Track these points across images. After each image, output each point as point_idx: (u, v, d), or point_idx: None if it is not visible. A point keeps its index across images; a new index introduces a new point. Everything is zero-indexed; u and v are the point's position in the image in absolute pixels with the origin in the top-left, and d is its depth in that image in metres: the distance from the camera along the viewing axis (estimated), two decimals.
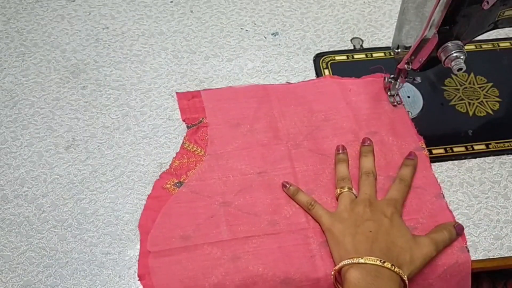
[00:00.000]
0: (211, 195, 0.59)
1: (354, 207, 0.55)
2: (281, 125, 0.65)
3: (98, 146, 0.63)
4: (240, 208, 0.58)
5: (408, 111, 0.67)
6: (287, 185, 0.59)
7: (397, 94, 0.67)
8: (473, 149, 0.64)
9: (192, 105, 0.67)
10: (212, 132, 0.64)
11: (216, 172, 0.61)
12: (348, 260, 0.50)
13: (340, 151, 0.62)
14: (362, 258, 0.50)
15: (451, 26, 0.55)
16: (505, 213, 0.59)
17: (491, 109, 0.68)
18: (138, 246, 0.56)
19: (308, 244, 0.55)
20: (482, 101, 0.69)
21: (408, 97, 0.68)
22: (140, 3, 0.79)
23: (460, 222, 0.58)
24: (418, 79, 0.64)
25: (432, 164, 0.62)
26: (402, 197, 0.57)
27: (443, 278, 0.54)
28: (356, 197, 0.57)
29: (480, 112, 0.67)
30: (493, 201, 0.60)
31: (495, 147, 0.64)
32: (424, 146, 0.63)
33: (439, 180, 0.61)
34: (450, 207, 0.59)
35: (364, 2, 0.80)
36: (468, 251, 0.56)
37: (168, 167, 0.61)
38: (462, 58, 0.55)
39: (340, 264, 0.51)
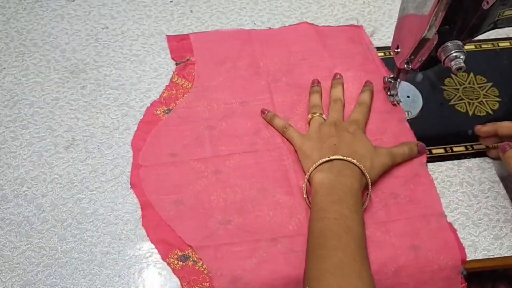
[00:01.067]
0: (197, 120, 0.65)
1: (321, 128, 0.62)
2: (262, 64, 0.71)
3: (98, 145, 0.63)
4: (223, 131, 0.64)
5: (407, 111, 0.67)
6: (265, 111, 0.66)
7: (397, 94, 0.67)
8: (473, 149, 0.64)
9: (181, 46, 0.73)
10: (199, 69, 0.70)
11: (201, 101, 0.67)
12: (315, 164, 0.56)
13: (315, 84, 0.68)
14: (327, 157, 0.56)
15: (451, 26, 0.55)
16: (504, 213, 0.59)
17: (491, 109, 0.68)
18: (138, 246, 0.56)
19: (282, 160, 0.62)
20: (481, 100, 0.69)
21: (408, 96, 0.68)
22: (139, 3, 0.79)
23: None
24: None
25: (432, 163, 0.62)
26: (364, 118, 0.64)
27: (407, 187, 0.60)
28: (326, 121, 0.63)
29: (480, 112, 0.67)
30: (492, 201, 0.60)
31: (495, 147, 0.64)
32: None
33: (439, 180, 0.61)
34: (450, 207, 0.59)
35: (364, 2, 0.80)
36: (427, 166, 0.62)
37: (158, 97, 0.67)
38: (461, 58, 0.55)
39: (310, 171, 0.56)
